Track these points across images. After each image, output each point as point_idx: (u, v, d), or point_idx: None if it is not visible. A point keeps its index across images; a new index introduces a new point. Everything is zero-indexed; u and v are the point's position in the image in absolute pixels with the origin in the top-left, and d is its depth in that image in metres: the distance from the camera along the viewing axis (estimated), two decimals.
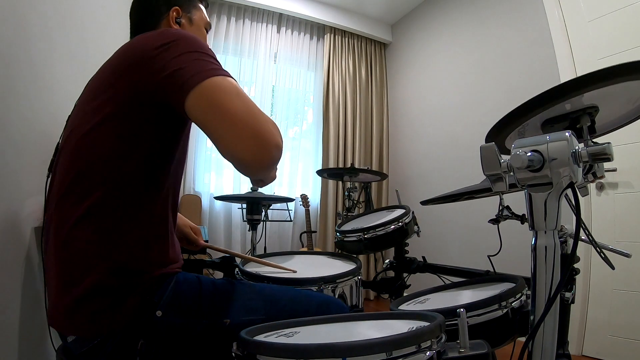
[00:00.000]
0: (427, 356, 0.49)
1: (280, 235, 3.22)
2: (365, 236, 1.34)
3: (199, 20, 0.93)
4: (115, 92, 0.65)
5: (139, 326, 0.65)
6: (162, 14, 0.86)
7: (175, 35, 0.66)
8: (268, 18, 3.41)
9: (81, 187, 0.64)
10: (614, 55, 1.93)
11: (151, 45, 0.64)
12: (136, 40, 0.69)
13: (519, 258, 1.36)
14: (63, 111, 1.12)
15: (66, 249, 0.64)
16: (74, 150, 0.68)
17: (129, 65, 0.65)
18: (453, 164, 2.95)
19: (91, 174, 0.64)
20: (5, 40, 0.77)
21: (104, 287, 0.62)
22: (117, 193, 0.65)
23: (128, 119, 0.65)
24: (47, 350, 0.97)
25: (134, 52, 0.67)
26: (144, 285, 0.66)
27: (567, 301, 0.79)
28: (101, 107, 0.66)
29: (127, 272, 0.65)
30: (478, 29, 2.87)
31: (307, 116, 3.65)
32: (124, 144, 0.65)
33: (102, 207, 0.64)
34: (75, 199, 0.64)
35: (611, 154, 0.49)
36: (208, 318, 0.70)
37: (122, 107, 0.65)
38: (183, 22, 0.88)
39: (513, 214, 1.08)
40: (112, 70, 0.69)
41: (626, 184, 1.89)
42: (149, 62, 0.63)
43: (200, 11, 0.94)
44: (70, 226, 0.63)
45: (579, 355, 1.95)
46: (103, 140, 0.65)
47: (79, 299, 0.62)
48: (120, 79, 0.65)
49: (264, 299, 0.77)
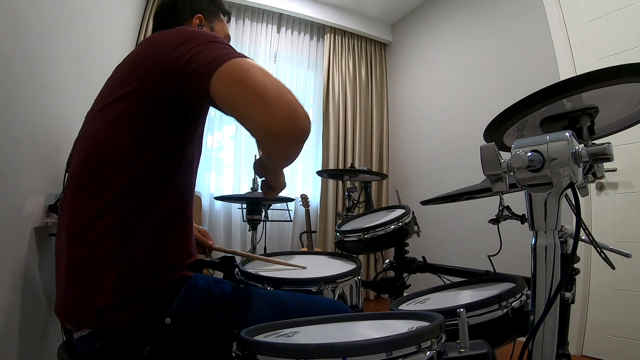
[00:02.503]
0: (427, 356, 0.49)
1: (280, 235, 3.22)
2: (365, 236, 1.33)
3: (219, 31, 0.95)
4: (133, 88, 0.66)
5: (147, 332, 0.64)
6: (186, 20, 0.89)
7: (193, 31, 0.67)
8: (268, 18, 3.41)
9: (95, 183, 0.64)
10: (614, 55, 1.93)
11: (171, 40, 0.65)
12: (155, 36, 0.70)
13: (519, 258, 1.36)
14: (63, 111, 1.12)
15: (79, 245, 0.64)
16: (88, 146, 0.68)
17: (148, 59, 0.66)
18: (453, 164, 2.95)
19: (105, 170, 0.64)
20: (5, 40, 0.77)
21: (115, 283, 0.62)
22: (132, 190, 0.64)
23: (143, 116, 0.65)
24: (47, 350, 0.98)
25: (154, 46, 0.67)
26: (156, 291, 0.65)
27: (567, 301, 0.79)
28: (117, 102, 0.66)
29: (141, 272, 0.64)
30: (478, 29, 2.87)
31: None
32: (137, 141, 0.65)
33: (116, 204, 0.64)
34: (89, 194, 0.64)
35: (611, 154, 0.49)
36: (217, 329, 0.70)
37: (138, 104, 0.65)
38: (205, 30, 0.90)
39: (513, 214, 1.08)
40: (131, 66, 0.69)
41: (626, 184, 1.89)
42: (169, 54, 0.63)
43: (223, 23, 0.97)
44: (83, 223, 0.63)
45: (579, 355, 1.95)
46: (117, 137, 0.65)
47: (87, 292, 0.62)
48: (139, 74, 0.66)
49: (271, 306, 0.77)
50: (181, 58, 0.61)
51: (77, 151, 0.72)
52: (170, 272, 0.68)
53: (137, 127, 0.65)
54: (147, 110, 0.65)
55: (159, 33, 0.70)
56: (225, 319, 0.71)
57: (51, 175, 1.04)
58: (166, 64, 0.63)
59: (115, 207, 0.63)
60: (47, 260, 1.01)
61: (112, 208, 0.63)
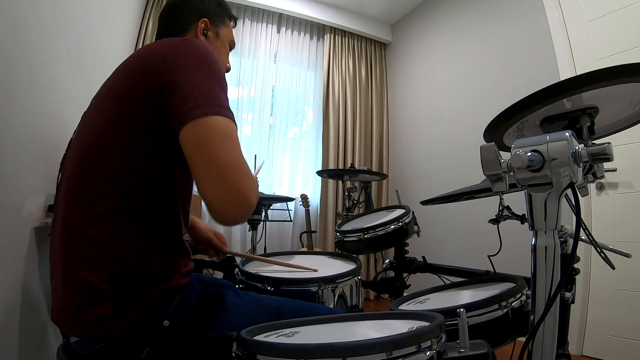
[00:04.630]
0: (427, 356, 0.49)
1: (280, 235, 3.21)
2: (365, 236, 1.33)
3: (225, 37, 0.93)
4: (125, 95, 0.65)
5: (145, 334, 0.64)
6: (191, 23, 0.87)
7: (195, 50, 0.67)
8: (268, 18, 3.41)
9: (89, 192, 0.64)
10: (614, 55, 1.93)
11: (169, 55, 0.65)
12: (155, 46, 0.70)
13: (519, 258, 1.37)
14: (63, 111, 1.12)
15: (73, 251, 0.63)
16: (81, 151, 0.67)
17: (146, 68, 0.66)
18: (453, 164, 2.95)
19: (99, 177, 0.64)
20: (6, 40, 0.77)
21: (111, 292, 0.62)
22: (127, 198, 0.64)
23: (137, 122, 0.65)
24: (47, 350, 0.97)
25: (150, 57, 0.67)
26: (153, 297, 0.65)
27: (567, 301, 0.79)
28: (110, 108, 0.66)
29: (137, 280, 0.64)
30: (478, 29, 2.87)
31: (307, 116, 3.65)
32: (131, 147, 0.64)
33: (111, 212, 0.63)
34: (83, 204, 0.64)
35: (611, 154, 0.49)
36: (215, 331, 0.70)
37: (131, 110, 0.65)
38: (210, 35, 0.89)
39: (513, 214, 1.08)
40: (126, 72, 0.69)
41: (626, 184, 1.89)
42: (163, 71, 0.63)
43: (228, 28, 0.95)
44: (77, 234, 0.63)
45: (579, 355, 1.95)
46: (111, 143, 0.65)
47: (84, 302, 0.61)
48: (132, 82, 0.66)
49: (269, 312, 0.77)
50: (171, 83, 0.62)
51: (72, 155, 0.71)
52: (167, 280, 0.68)
53: (128, 135, 0.65)
54: (138, 119, 0.65)
55: (161, 43, 0.70)
56: (223, 322, 0.71)
57: (51, 175, 1.04)
58: (157, 80, 0.63)
59: (109, 217, 0.63)
60: (47, 260, 1.01)
61: (105, 218, 0.63)
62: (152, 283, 0.65)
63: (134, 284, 0.64)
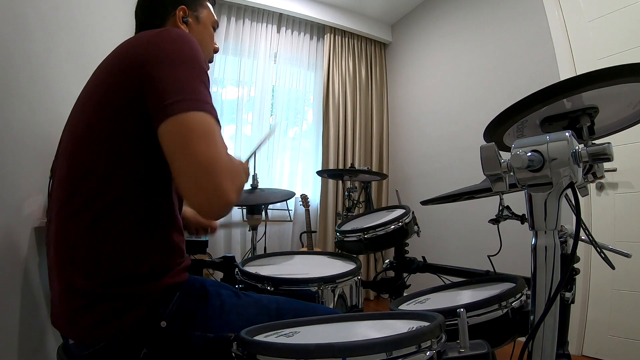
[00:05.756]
0: (427, 356, 0.49)
1: (280, 235, 3.21)
2: (365, 236, 1.34)
3: (206, 19, 0.90)
4: (106, 96, 0.64)
5: (143, 334, 0.64)
6: (169, 13, 0.84)
7: (173, 41, 0.65)
8: (268, 18, 3.41)
9: (80, 197, 0.63)
10: (614, 55, 1.93)
11: (146, 48, 0.63)
12: (134, 40, 0.68)
13: (519, 258, 1.37)
14: (63, 111, 1.12)
15: (68, 255, 0.63)
16: (70, 155, 0.67)
17: (124, 65, 0.64)
18: (453, 164, 2.95)
19: (88, 182, 0.63)
20: (7, 40, 0.77)
21: (107, 296, 0.62)
22: (117, 201, 0.63)
23: (119, 123, 0.63)
24: (47, 350, 0.97)
25: (128, 52, 0.66)
26: (150, 297, 0.65)
27: (567, 301, 0.79)
28: (91, 112, 0.65)
29: (132, 281, 0.64)
30: (478, 29, 2.87)
31: (307, 116, 3.65)
32: (119, 148, 0.63)
33: (102, 217, 0.63)
34: (74, 210, 0.63)
35: (611, 154, 0.49)
36: (213, 332, 0.69)
37: (111, 113, 0.63)
38: (190, 21, 0.86)
39: (513, 214, 1.08)
40: (107, 70, 0.68)
41: (626, 184, 1.89)
42: (141, 65, 0.62)
43: (208, 9, 0.92)
44: (71, 241, 0.63)
45: (579, 355, 1.95)
46: (95, 148, 0.64)
47: (82, 306, 0.61)
48: (114, 80, 0.64)
49: (269, 314, 0.77)
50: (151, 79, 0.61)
51: (61, 160, 0.70)
52: (163, 280, 0.67)
53: (116, 135, 0.63)
54: (124, 121, 0.63)
55: (140, 37, 0.68)
56: (222, 323, 0.71)
57: None
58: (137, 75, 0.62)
59: (101, 222, 0.63)
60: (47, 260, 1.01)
61: (98, 224, 0.62)
62: (147, 283, 0.65)
63: (129, 286, 0.63)
